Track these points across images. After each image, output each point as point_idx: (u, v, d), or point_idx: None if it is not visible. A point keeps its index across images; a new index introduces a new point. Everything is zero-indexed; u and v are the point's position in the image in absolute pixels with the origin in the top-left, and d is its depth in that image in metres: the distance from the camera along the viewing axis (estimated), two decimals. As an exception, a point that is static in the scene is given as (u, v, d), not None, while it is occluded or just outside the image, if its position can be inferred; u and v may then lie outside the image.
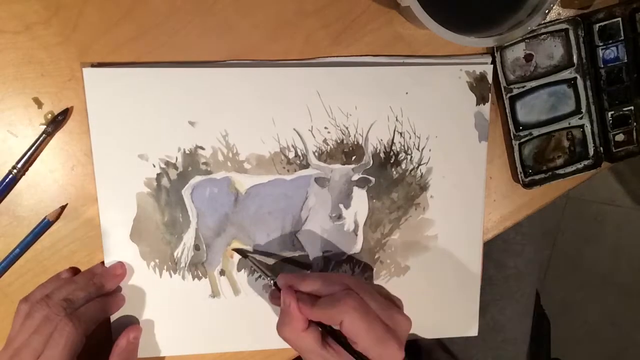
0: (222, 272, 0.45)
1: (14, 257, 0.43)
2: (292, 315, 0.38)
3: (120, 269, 0.43)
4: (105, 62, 0.41)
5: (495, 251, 0.62)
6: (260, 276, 0.45)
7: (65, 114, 0.41)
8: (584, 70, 0.46)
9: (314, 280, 0.39)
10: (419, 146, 0.45)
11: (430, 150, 0.45)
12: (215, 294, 0.45)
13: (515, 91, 0.45)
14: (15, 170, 0.41)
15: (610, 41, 0.45)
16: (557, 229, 1.34)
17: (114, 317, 0.44)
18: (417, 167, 0.46)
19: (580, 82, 0.46)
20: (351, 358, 0.37)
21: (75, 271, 0.44)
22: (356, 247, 0.46)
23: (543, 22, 0.41)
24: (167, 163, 0.43)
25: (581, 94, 0.46)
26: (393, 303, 0.40)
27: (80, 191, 0.43)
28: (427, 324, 0.48)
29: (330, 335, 0.38)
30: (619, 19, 0.45)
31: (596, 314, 1.36)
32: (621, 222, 1.34)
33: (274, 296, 0.45)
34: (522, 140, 0.46)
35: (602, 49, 0.45)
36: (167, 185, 0.43)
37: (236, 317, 0.46)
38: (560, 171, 0.47)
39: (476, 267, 0.48)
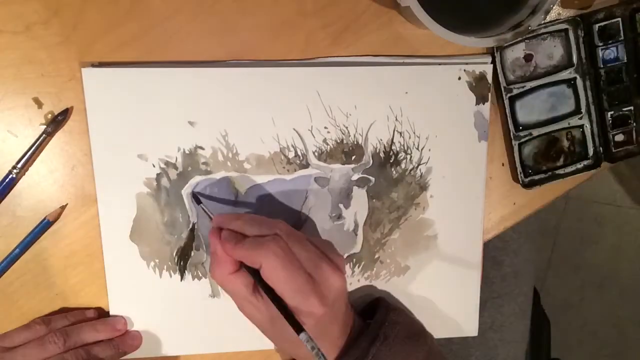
0: (222, 272, 0.45)
1: (14, 257, 0.43)
2: (218, 256, 0.37)
3: (139, 340, 0.44)
4: (105, 62, 0.41)
5: (491, 249, 0.62)
6: None
7: (65, 114, 0.41)
8: (584, 71, 0.46)
9: (245, 220, 0.38)
10: (418, 146, 0.45)
11: (430, 149, 0.45)
12: (215, 294, 0.45)
13: (515, 91, 0.46)
14: (15, 171, 0.41)
15: (610, 41, 0.45)
16: (557, 229, 1.34)
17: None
18: (417, 166, 0.46)
19: (580, 82, 0.46)
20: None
21: (100, 312, 0.44)
22: (356, 247, 0.46)
23: (543, 22, 0.41)
24: (167, 163, 0.43)
25: (581, 94, 0.46)
26: (328, 258, 0.38)
27: (80, 191, 0.43)
28: (426, 324, 0.48)
29: (255, 280, 0.37)
30: (619, 19, 0.45)
31: (596, 314, 1.36)
32: (621, 222, 1.34)
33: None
34: (522, 140, 0.46)
35: (601, 49, 0.45)
36: (166, 185, 0.43)
37: (236, 317, 0.45)
38: (560, 171, 0.47)
39: (476, 267, 0.48)
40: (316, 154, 0.44)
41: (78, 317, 0.43)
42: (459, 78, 0.45)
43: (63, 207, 0.43)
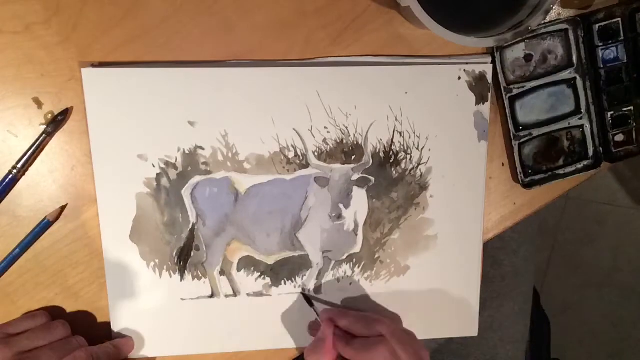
0: (221, 272, 0.45)
1: (14, 257, 0.43)
2: (325, 348, 0.41)
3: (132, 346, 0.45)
4: (105, 62, 0.41)
5: (491, 249, 0.62)
6: (260, 276, 0.45)
7: (65, 114, 0.41)
8: (584, 71, 0.46)
9: (354, 319, 0.42)
10: (418, 146, 0.45)
11: (430, 149, 0.45)
12: (215, 294, 0.45)
13: (515, 91, 0.45)
14: (15, 171, 0.41)
15: (610, 41, 0.45)
16: (557, 229, 1.34)
17: (115, 323, 0.44)
18: (417, 166, 0.46)
19: (579, 82, 0.46)
20: None
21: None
22: (356, 247, 0.46)
23: (543, 22, 0.41)
24: (167, 163, 0.43)
25: (581, 94, 0.46)
26: (424, 354, 0.41)
27: (80, 191, 0.43)
28: (426, 324, 0.48)
29: None
30: (619, 19, 0.45)
31: (596, 314, 1.36)
32: (621, 223, 1.34)
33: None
34: (522, 140, 0.46)
35: (601, 49, 0.45)
36: (166, 185, 0.43)
37: (236, 317, 0.46)
38: (560, 171, 0.47)
39: (476, 267, 0.48)
40: (316, 154, 0.44)
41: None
42: (459, 78, 0.45)
43: (63, 207, 0.43)
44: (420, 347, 0.42)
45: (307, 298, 0.46)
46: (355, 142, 0.44)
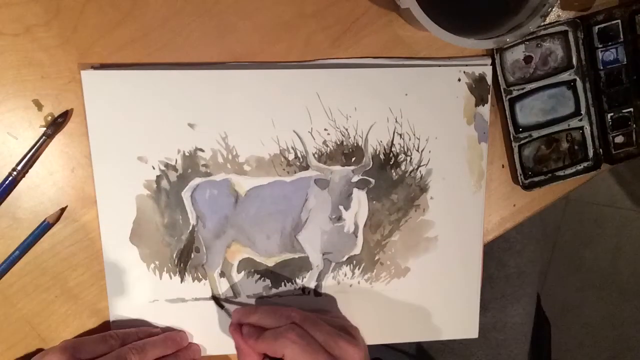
0: (222, 274, 0.45)
1: (13, 260, 0.43)
2: (242, 350, 0.41)
3: (199, 353, 0.45)
4: (105, 64, 0.41)
5: (496, 250, 0.62)
6: (260, 278, 0.45)
7: (65, 116, 0.41)
8: (584, 72, 0.46)
9: (261, 313, 0.42)
10: (418, 147, 0.45)
11: (430, 151, 0.45)
12: (215, 295, 0.45)
13: (515, 93, 0.46)
14: (15, 173, 0.41)
15: (610, 43, 0.45)
16: (557, 230, 1.34)
17: (114, 318, 0.44)
18: (417, 168, 0.46)
19: (579, 84, 0.46)
20: None
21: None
22: (356, 249, 0.46)
23: (542, 24, 0.41)
24: (167, 165, 0.43)
25: (580, 96, 0.46)
26: (344, 332, 0.40)
27: (80, 193, 0.43)
28: (427, 325, 0.48)
29: None
30: (619, 20, 0.45)
31: (596, 316, 1.35)
32: (621, 224, 1.34)
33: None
34: (522, 142, 0.46)
35: (601, 51, 0.45)
36: (166, 187, 0.43)
37: (236, 319, 0.46)
38: (560, 173, 0.47)
39: (476, 268, 0.48)
40: (316, 155, 0.44)
41: (147, 334, 0.43)
42: (459, 80, 0.45)
43: (63, 209, 0.43)
44: (344, 324, 0.41)
45: (217, 301, 0.45)
46: (355, 144, 0.44)
